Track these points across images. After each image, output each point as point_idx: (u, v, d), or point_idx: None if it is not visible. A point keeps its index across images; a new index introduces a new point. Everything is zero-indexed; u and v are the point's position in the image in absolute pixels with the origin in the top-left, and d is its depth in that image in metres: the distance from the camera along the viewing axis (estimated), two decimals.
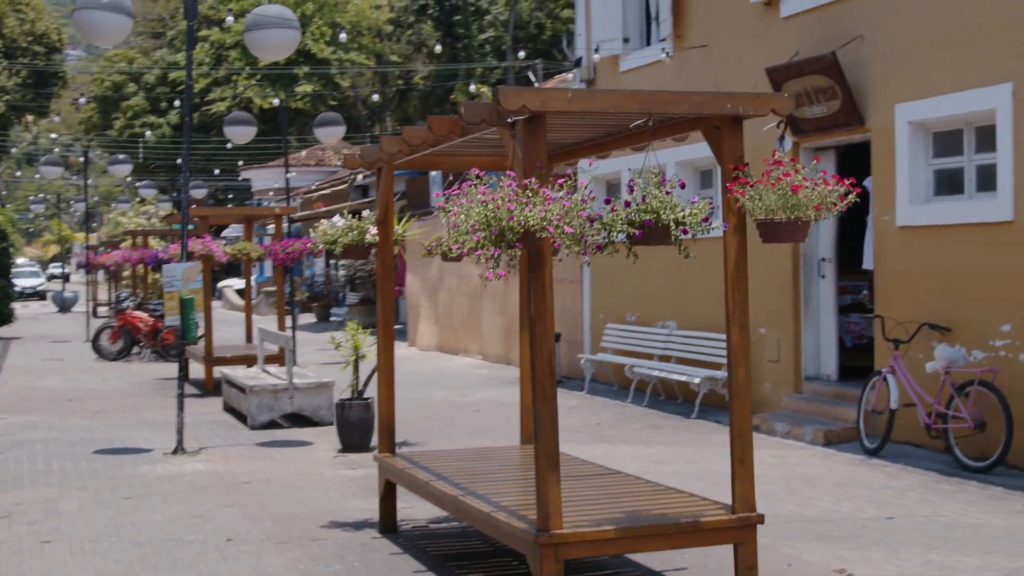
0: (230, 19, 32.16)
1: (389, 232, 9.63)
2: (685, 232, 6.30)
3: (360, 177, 36.80)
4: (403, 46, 77.10)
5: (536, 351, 6.52)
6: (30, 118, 78.81)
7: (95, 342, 26.32)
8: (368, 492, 11.03)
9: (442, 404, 17.39)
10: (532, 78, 58.51)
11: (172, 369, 23.11)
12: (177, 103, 62.82)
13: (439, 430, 14.84)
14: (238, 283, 53.85)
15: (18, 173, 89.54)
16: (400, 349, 26.82)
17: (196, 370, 21.66)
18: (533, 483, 8.10)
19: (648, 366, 16.66)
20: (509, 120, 6.37)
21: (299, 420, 15.41)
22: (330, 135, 23.44)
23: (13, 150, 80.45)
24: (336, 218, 9.88)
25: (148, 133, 55.42)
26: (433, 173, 30.90)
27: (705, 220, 6.36)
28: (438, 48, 58.85)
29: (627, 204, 6.28)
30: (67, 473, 12.18)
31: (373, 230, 9.63)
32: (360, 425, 13.36)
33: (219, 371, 19.70)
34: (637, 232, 6.26)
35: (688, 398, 16.45)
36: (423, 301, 26.92)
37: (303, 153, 55.22)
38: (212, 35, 67.82)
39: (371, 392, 13.81)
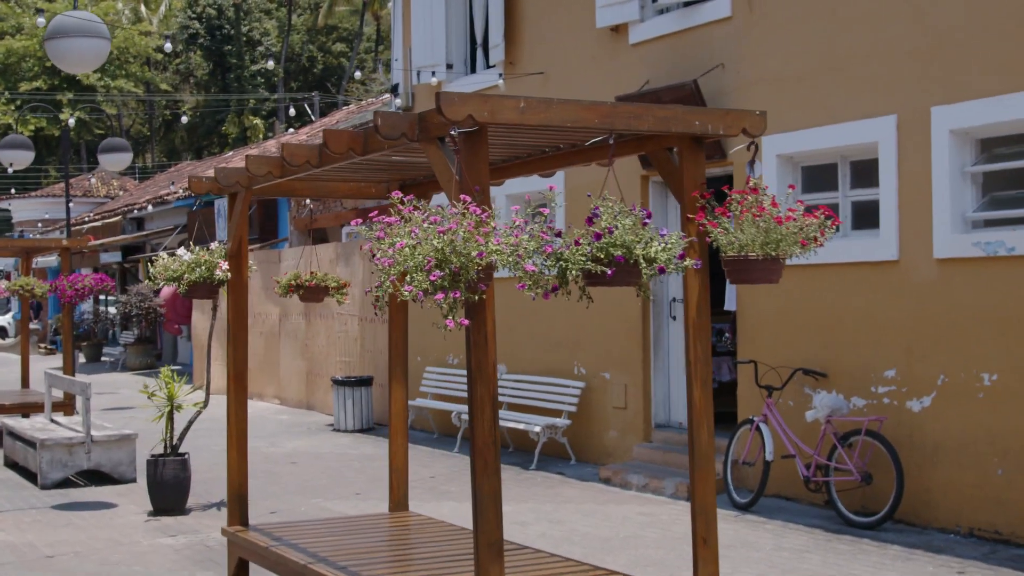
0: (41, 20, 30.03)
1: (243, 268, 8.28)
2: (662, 271, 5.20)
3: (136, 210, 34.77)
4: (171, 75, 74.59)
5: (477, 416, 5.33)
6: None
7: None
8: (198, 565, 9.60)
9: (253, 456, 15.81)
10: (308, 111, 57.16)
11: None
12: None
13: (262, 487, 13.37)
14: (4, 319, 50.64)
15: None
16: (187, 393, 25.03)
17: None
18: (437, 564, 6.92)
19: None
20: (452, 132, 5.17)
21: (97, 477, 13.74)
22: (116, 162, 21.71)
23: None
24: (181, 251, 8.48)
25: None
26: (219, 203, 29.23)
27: (681, 257, 5.28)
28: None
29: (598, 237, 5.13)
30: None
31: (224, 265, 8.26)
32: (175, 484, 11.85)
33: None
34: (609, 271, 5.12)
35: (522, 446, 15.39)
36: (213, 342, 25.18)
37: (59, 185, 52.32)
38: None
39: (186, 446, 12.35)
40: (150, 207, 31.56)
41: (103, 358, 35.49)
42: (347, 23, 77.43)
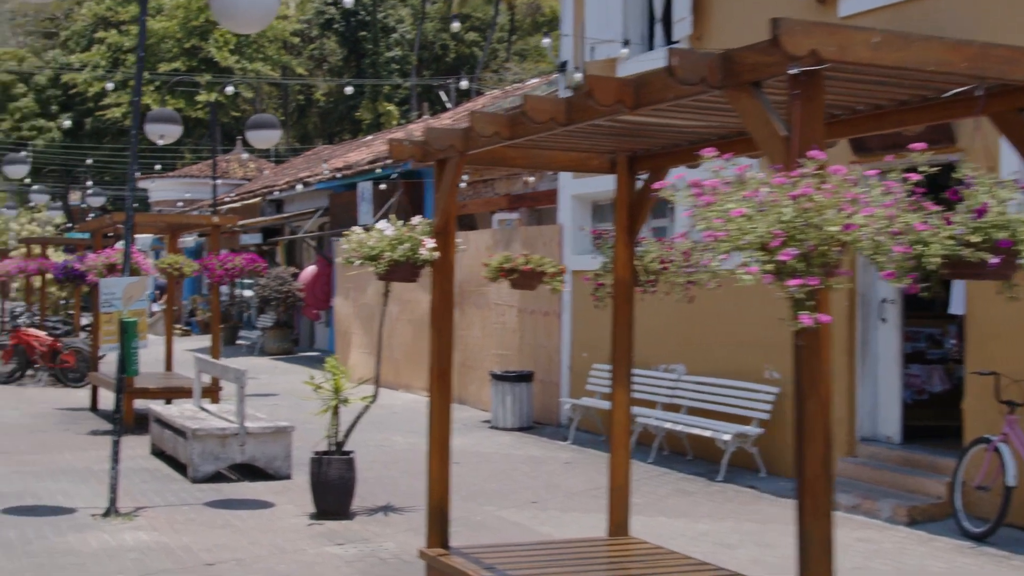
0: None
1: (451, 246, 7.15)
2: None
3: (277, 191, 34.09)
4: (305, 61, 74.33)
5: (808, 442, 4.09)
6: None
7: None
8: None
9: (411, 453, 14.83)
10: (444, 98, 56.40)
11: (74, 397, 20.30)
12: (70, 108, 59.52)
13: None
14: None
15: None
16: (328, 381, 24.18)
17: (108, 399, 18.84)
18: None
19: (657, 417, 14.31)
20: (792, 71, 3.95)
21: (250, 472, 12.78)
22: (264, 139, 20.84)
23: None
24: (381, 224, 7.36)
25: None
26: (361, 187, 28.37)
27: None
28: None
29: (980, 212, 3.88)
30: None
31: (429, 243, 7.12)
32: (340, 486, 10.82)
33: (141, 404, 17.02)
34: (994, 259, 3.87)
35: (703, 455, 14.15)
36: (356, 328, 24.33)
37: (196, 166, 51.99)
38: (109, 37, 64.38)
39: (351, 443, 11.32)
40: (299, 186, 30.72)
41: (239, 341, 34.91)
42: (480, 12, 76.64)
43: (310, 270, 31.35)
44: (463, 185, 23.49)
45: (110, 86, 38.70)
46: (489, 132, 6.14)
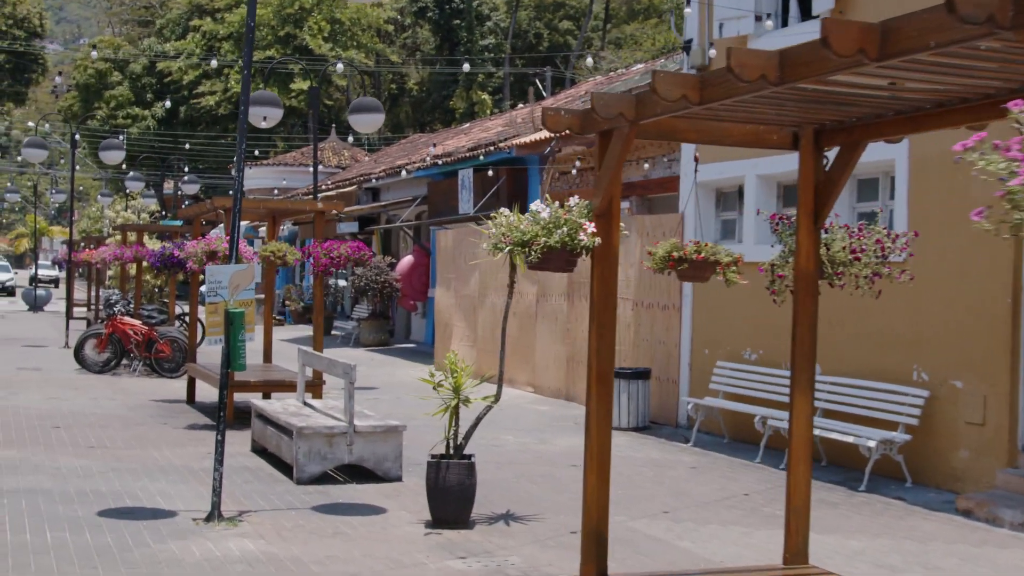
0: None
1: (614, 231, 6.25)
2: None
3: (374, 179, 33.42)
4: (398, 49, 73.79)
5: None
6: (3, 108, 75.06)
7: (79, 351, 22.82)
8: None
9: (523, 454, 13.98)
10: (540, 86, 55.51)
11: (170, 388, 19.72)
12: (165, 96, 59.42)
13: (548, 495, 11.45)
14: None
15: None
16: (426, 374, 23.40)
17: (205, 391, 18.22)
18: None
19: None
20: None
21: (358, 473, 11.99)
22: (367, 123, 20.05)
23: None
24: (536, 205, 6.47)
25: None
26: (462, 174, 27.57)
27: None
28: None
29: None
30: (66, 552, 8.72)
31: (590, 227, 6.22)
32: (459, 492, 9.96)
33: (240, 397, 16.36)
34: None
35: (839, 461, 13.15)
36: (457, 320, 23.51)
37: (290, 154, 51.48)
38: (204, 25, 64.31)
39: (472, 447, 10.46)
40: (403, 172, 29.97)
41: (333, 332, 34.33)
42: (575, 0, 75.68)
43: (407, 260, 30.65)
44: (573, 172, 22.62)
45: (213, 63, 37.98)
46: (675, 96, 5.23)
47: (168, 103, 46.83)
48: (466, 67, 31.97)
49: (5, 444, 13.53)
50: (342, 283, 37.02)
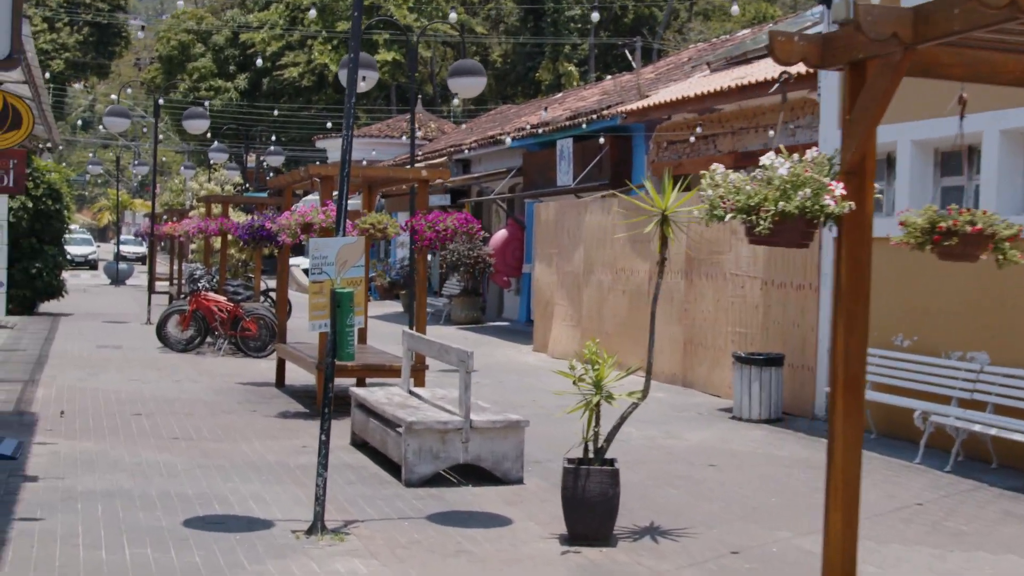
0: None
1: (868, 194, 4.76)
2: None
3: (467, 150, 32.02)
4: (481, 21, 72.36)
5: None
6: (79, 84, 74.60)
7: (161, 328, 21.68)
8: None
9: (652, 450, 12.51)
10: (630, 58, 53.84)
11: (256, 369, 18.51)
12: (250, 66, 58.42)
13: (692, 503, 9.99)
14: (305, 262, 49.12)
15: (78, 138, 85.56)
16: (525, 355, 22.08)
17: (295, 374, 16.97)
18: None
19: (957, 416, 11.74)
20: None
21: (473, 473, 10.61)
22: (468, 86, 18.67)
23: (69, 117, 76.30)
24: (769, 157, 5.01)
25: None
26: (561, 144, 26.09)
27: None
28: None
29: None
30: (147, 573, 7.42)
31: (837, 188, 4.75)
32: (601, 504, 8.54)
33: (337, 382, 15.04)
34: None
35: (1012, 463, 11.57)
36: (559, 298, 22.06)
37: (375, 126, 50.16)
38: None
39: (621, 457, 9.04)
40: (508, 139, 28.47)
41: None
42: None
43: (501, 234, 29.26)
44: (692, 139, 21.07)
45: (290, 36, 36.74)
46: (1001, 2, 3.72)
47: (258, 65, 45.40)
48: (546, 39, 30.27)
49: (83, 434, 12.32)
50: (430, 257, 35.72)
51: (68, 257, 65.49)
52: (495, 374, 18.82)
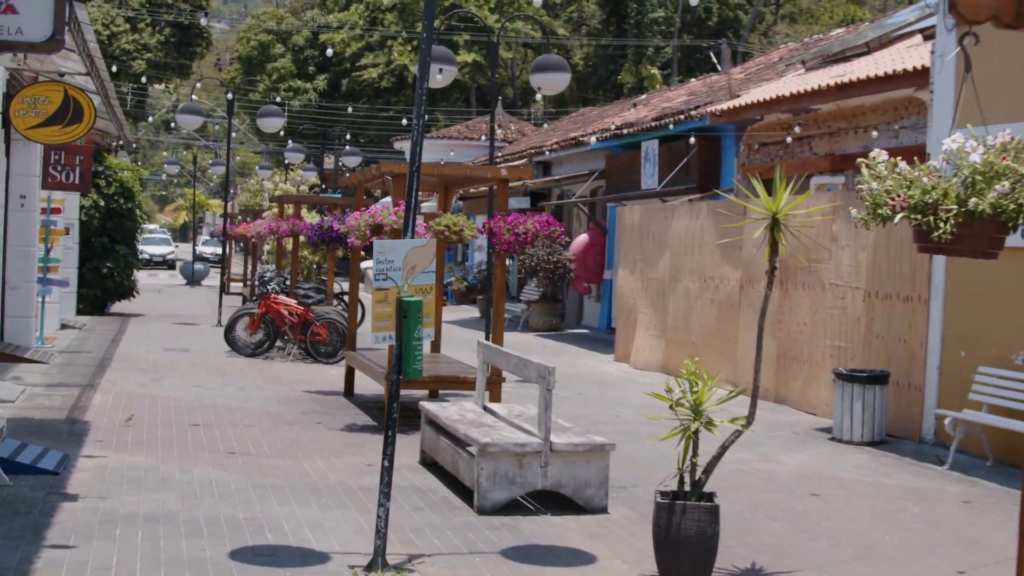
0: None
1: None
2: None
3: (548, 151, 31.08)
4: (563, 24, 71.43)
5: None
6: (160, 86, 74.53)
7: (229, 332, 20.94)
8: None
9: (747, 475, 11.44)
10: (715, 60, 52.72)
11: (326, 376, 17.69)
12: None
13: (799, 544, 8.92)
14: None
15: (160, 138, 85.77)
16: (606, 365, 21.08)
17: (364, 383, 16.13)
18: None
19: None
20: None
21: (550, 499, 9.64)
22: (551, 82, 17.72)
23: (150, 118, 76.33)
24: (958, 138, 3.99)
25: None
26: (646, 146, 25.08)
27: None
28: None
29: None
30: None
31: None
32: (699, 545, 7.53)
33: (406, 393, 14.24)
34: None
35: None
36: (642, 306, 21.02)
37: (454, 127, 49.34)
38: None
39: (712, 483, 8.03)
40: (593, 139, 27.52)
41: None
42: None
43: (582, 239, 28.28)
44: (788, 140, 19.98)
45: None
46: None
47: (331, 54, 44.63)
48: (628, 42, 29.29)
49: (134, 446, 11.51)
50: (507, 261, 34.82)
51: (146, 257, 65.86)
52: (576, 386, 17.85)
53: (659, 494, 7.70)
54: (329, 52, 26.94)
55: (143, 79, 62.78)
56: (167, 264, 63.86)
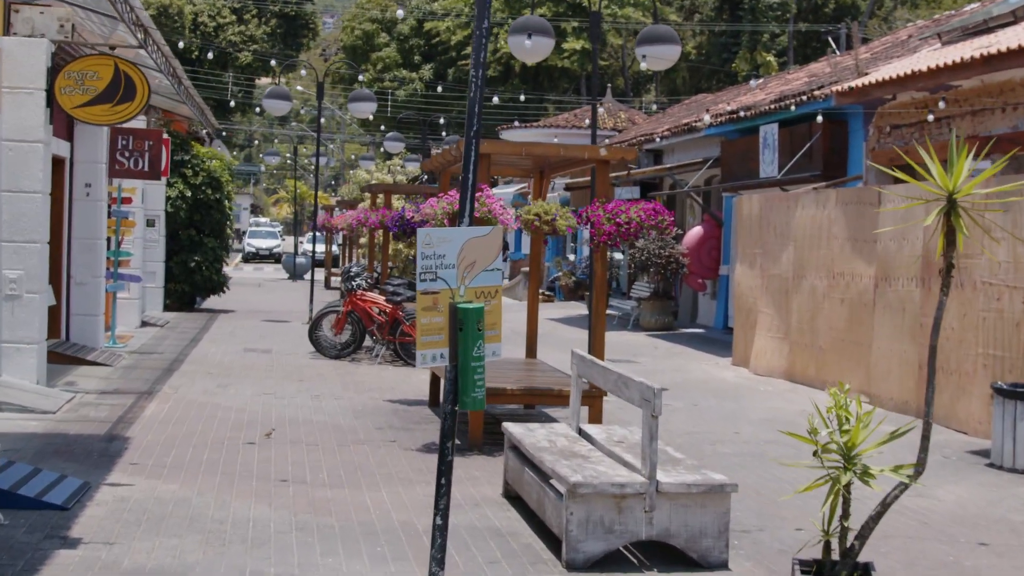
0: None
1: None
2: None
3: (659, 138, 29.14)
4: (675, 11, 69.24)
5: None
6: (266, 79, 73.66)
7: (313, 331, 19.40)
8: None
9: (897, 515, 9.41)
10: (833, 45, 50.29)
11: (413, 382, 16.09)
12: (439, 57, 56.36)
13: None
14: None
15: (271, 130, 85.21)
16: (723, 370, 19.15)
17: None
18: None
19: None
20: None
21: (660, 551, 7.81)
22: (661, 54, 15.89)
23: (257, 110, 75.57)
24: None
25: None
26: (765, 131, 23.07)
27: None
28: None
29: None
30: None
31: None
32: None
33: (497, 409, 12.55)
34: None
35: None
36: (763, 305, 19.04)
37: (562, 116, 47.45)
38: None
39: (870, 550, 6.14)
40: (706, 117, 25.60)
41: (609, 311, 30.24)
42: None
43: (696, 231, 26.32)
44: (930, 118, 17.87)
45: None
46: None
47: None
48: (744, 27, 27.28)
49: (172, 470, 9.90)
50: (618, 256, 32.96)
51: (252, 250, 65.13)
52: (689, 394, 15.99)
53: (799, 565, 5.84)
54: (400, 13, 25.04)
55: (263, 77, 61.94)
56: (274, 257, 63.20)
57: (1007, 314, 12.88)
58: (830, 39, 51.88)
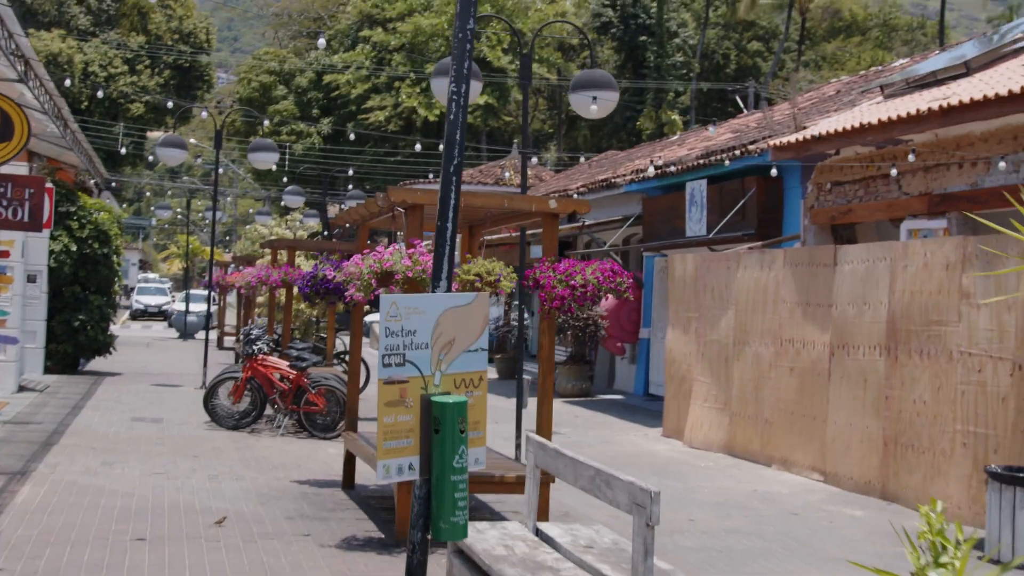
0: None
1: None
2: None
3: (574, 194, 27.87)
4: (578, 69, 68.52)
5: None
6: (157, 133, 71.66)
7: (209, 399, 17.63)
8: None
9: None
10: (740, 103, 49.77)
11: (322, 457, 14.45)
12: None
13: None
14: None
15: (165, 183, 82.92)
16: (654, 442, 17.78)
17: (368, 474, 12.83)
18: None
19: None
20: None
21: None
22: (599, 102, 14.56)
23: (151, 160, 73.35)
24: None
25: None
26: (692, 187, 21.88)
27: None
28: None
29: None
30: None
31: None
32: None
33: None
34: None
35: None
36: (699, 372, 17.70)
37: (467, 171, 46.17)
38: (374, 35, 59.76)
39: None
40: (650, 168, 24.25)
41: (524, 376, 28.71)
42: (765, 20, 70.15)
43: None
44: (893, 174, 16.73)
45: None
46: None
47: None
48: (648, 84, 26.26)
49: None
50: (527, 315, 31.48)
51: (140, 307, 62.79)
52: (625, 472, 14.48)
53: None
54: (321, 42, 23.43)
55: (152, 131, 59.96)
56: (163, 315, 61.01)
57: (991, 388, 11.64)
58: (738, 97, 51.42)
